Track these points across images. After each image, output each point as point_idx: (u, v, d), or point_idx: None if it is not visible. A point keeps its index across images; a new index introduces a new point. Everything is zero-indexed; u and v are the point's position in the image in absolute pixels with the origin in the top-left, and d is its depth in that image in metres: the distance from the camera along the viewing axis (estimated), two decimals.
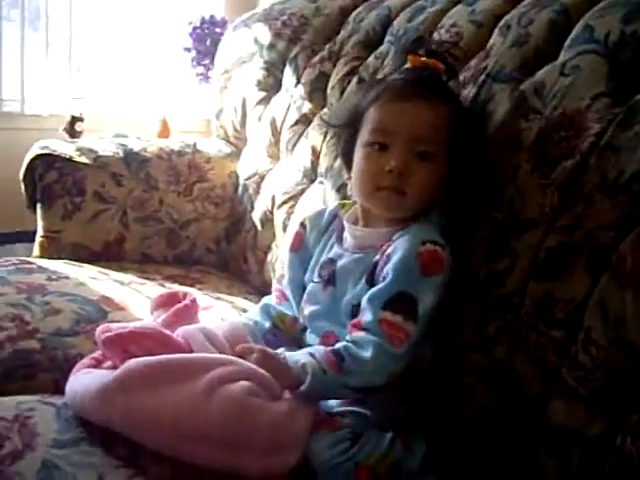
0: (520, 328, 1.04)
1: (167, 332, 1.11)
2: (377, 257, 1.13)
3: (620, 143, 0.97)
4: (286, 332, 1.28)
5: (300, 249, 1.30)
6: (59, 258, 1.80)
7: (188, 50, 2.80)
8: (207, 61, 2.56)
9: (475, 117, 1.20)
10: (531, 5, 1.28)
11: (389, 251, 1.11)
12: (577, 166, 1.01)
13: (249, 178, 1.88)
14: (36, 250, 1.87)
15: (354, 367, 1.04)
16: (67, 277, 1.63)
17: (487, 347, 1.08)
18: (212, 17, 2.70)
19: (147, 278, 1.71)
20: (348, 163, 1.25)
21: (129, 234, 1.88)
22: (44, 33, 3.49)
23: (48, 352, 1.32)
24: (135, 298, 1.55)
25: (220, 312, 1.48)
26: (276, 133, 1.81)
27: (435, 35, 1.43)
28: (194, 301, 1.23)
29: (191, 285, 1.71)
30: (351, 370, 1.04)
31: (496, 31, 1.30)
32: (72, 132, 3.21)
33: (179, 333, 1.12)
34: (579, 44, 1.12)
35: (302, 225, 1.31)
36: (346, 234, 1.22)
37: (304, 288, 1.26)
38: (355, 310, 1.12)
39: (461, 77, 1.30)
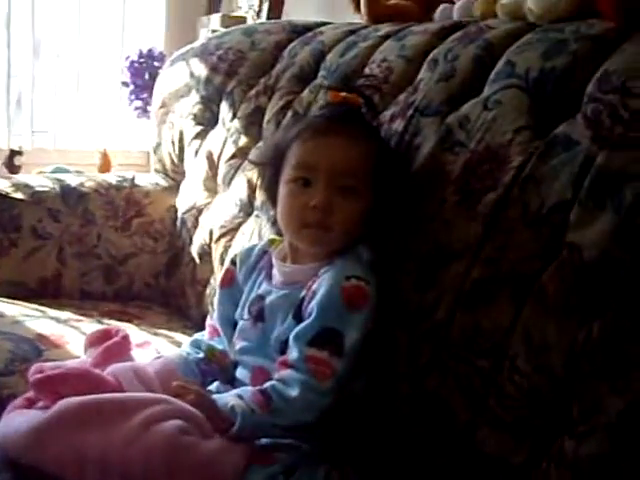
0: (449, 359, 1.05)
1: (98, 372, 1.10)
2: (303, 293, 1.14)
3: (541, 175, 1.00)
4: (218, 365, 1.28)
5: (231, 285, 1.30)
6: None
7: (126, 85, 2.80)
8: (145, 95, 2.56)
9: (396, 151, 1.23)
10: (458, 40, 1.31)
11: (314, 287, 1.12)
12: (500, 198, 1.03)
13: (187, 212, 1.88)
14: None
15: (282, 406, 1.05)
16: (2, 315, 1.60)
17: (419, 378, 1.10)
18: (150, 51, 2.71)
19: (84, 315, 1.69)
20: (273, 200, 1.26)
21: (66, 270, 1.86)
22: None
23: None
24: (72, 335, 1.53)
25: (157, 348, 1.47)
26: (213, 167, 1.81)
27: (366, 70, 1.46)
28: (126, 337, 1.22)
29: (129, 321, 1.70)
30: (280, 409, 1.05)
31: (424, 66, 1.33)
32: (11, 166, 3.19)
33: (110, 372, 1.11)
34: (502, 79, 1.15)
35: (232, 262, 1.32)
36: (275, 271, 1.23)
37: (234, 324, 1.26)
38: (284, 346, 1.13)
39: (390, 111, 1.32)
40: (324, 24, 1.86)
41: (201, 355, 1.28)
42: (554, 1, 1.22)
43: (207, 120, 1.90)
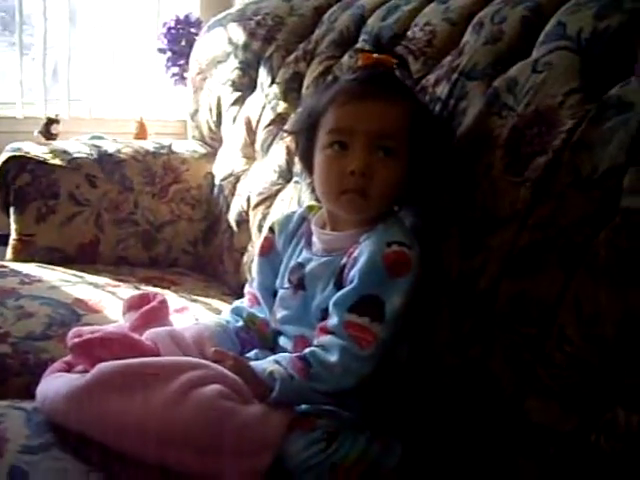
0: (494, 327, 1.03)
1: (136, 336, 1.10)
2: (344, 260, 1.12)
3: (593, 139, 0.96)
4: (257, 334, 1.27)
5: (269, 253, 1.28)
6: (32, 261, 1.78)
7: (163, 51, 2.77)
8: (182, 62, 2.54)
9: (431, 112, 1.20)
10: (504, 2, 1.27)
11: (355, 254, 1.10)
12: (550, 163, 1.00)
13: (224, 179, 1.87)
14: (9, 253, 1.85)
15: (321, 371, 1.04)
16: (40, 280, 1.61)
17: (462, 347, 1.08)
18: (187, 17, 2.68)
19: (122, 280, 1.70)
20: (309, 168, 1.23)
21: (104, 236, 1.87)
22: (18, 35, 3.46)
23: (19, 356, 1.31)
24: (109, 300, 1.53)
25: (195, 314, 1.47)
26: (251, 133, 1.79)
27: (409, 33, 1.43)
28: (163, 302, 1.21)
29: (167, 287, 1.70)
30: (318, 375, 1.04)
31: (469, 29, 1.30)
32: (48, 134, 3.18)
33: (147, 336, 1.11)
34: (551, 41, 1.11)
35: (271, 229, 1.30)
36: (314, 238, 1.21)
37: (274, 293, 1.25)
38: (325, 314, 1.11)
39: (434, 75, 1.30)
40: None
41: (241, 323, 1.27)
42: None
43: (245, 86, 1.88)
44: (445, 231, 1.14)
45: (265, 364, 1.07)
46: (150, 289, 1.63)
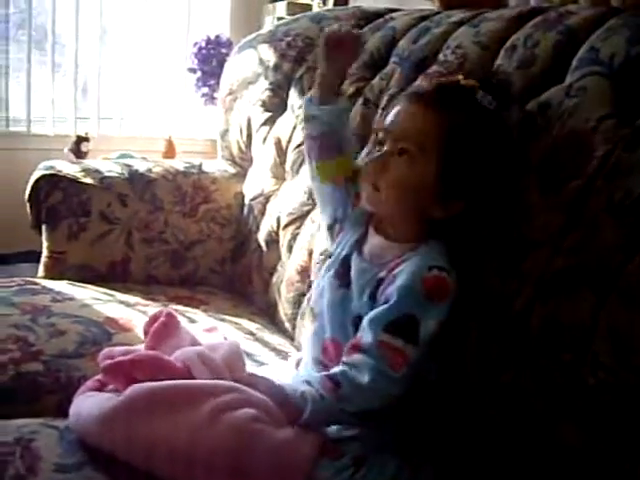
0: (527, 351, 1.03)
1: (166, 358, 1.10)
2: (383, 274, 1.12)
3: (626, 165, 0.97)
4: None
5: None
6: (64, 279, 1.80)
7: (193, 71, 2.81)
8: (212, 82, 2.57)
9: (488, 135, 1.14)
10: (537, 26, 1.28)
11: (396, 271, 1.10)
12: (583, 187, 1.00)
13: (254, 199, 1.88)
14: (41, 271, 1.87)
15: (352, 392, 1.04)
16: (72, 298, 1.63)
17: (494, 369, 1.07)
18: (218, 37, 2.71)
19: (152, 299, 1.71)
20: None
21: (134, 255, 1.88)
22: (50, 54, 3.52)
23: (52, 374, 1.32)
24: (140, 319, 1.54)
25: (224, 333, 1.47)
26: (281, 154, 1.80)
27: (440, 56, 1.43)
28: (169, 315, 1.22)
29: (196, 306, 1.71)
30: (349, 395, 1.04)
31: (502, 52, 1.30)
32: (78, 152, 3.24)
33: (177, 357, 1.11)
34: (585, 66, 1.12)
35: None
36: (369, 238, 1.21)
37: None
38: (357, 321, 1.11)
39: None
40: (394, 10, 1.83)
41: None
42: None
43: (276, 106, 1.89)
44: (480, 254, 1.14)
45: (296, 384, 1.07)
46: (180, 308, 1.65)
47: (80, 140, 3.25)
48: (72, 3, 3.54)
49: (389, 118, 1.16)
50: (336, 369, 1.07)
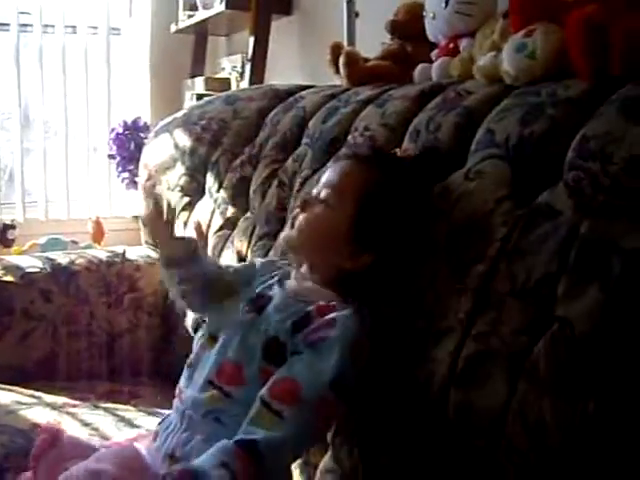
0: (443, 437, 1.03)
1: None
2: (311, 309, 1.11)
3: (525, 247, 0.99)
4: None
5: (245, 270, 1.34)
6: None
7: (113, 157, 2.80)
8: (132, 166, 2.57)
9: (406, 201, 1.18)
10: (438, 108, 1.31)
11: (328, 317, 1.09)
12: (487, 271, 1.02)
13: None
14: None
15: (274, 455, 1.01)
16: None
17: (411, 457, 1.08)
18: (135, 122, 2.72)
19: (81, 398, 1.67)
20: None
21: (61, 350, 1.85)
22: None
23: None
24: (67, 423, 1.50)
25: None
26: (202, 238, 1.78)
27: (349, 138, 1.46)
28: (47, 430, 1.19)
29: (126, 402, 1.67)
30: (271, 462, 1.00)
31: (407, 135, 1.33)
32: (4, 240, 3.19)
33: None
34: (482, 149, 1.15)
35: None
36: (287, 282, 1.23)
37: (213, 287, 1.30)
38: (270, 342, 1.10)
39: None
40: (305, 87, 1.86)
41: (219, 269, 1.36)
42: (529, 63, 1.22)
43: (194, 191, 1.90)
44: (396, 339, 1.14)
45: (211, 470, 0.98)
46: (109, 406, 1.62)
47: (6, 228, 3.21)
48: None
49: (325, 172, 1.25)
50: (253, 436, 1.01)
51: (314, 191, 1.23)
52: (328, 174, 1.23)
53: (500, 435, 0.95)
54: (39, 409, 1.58)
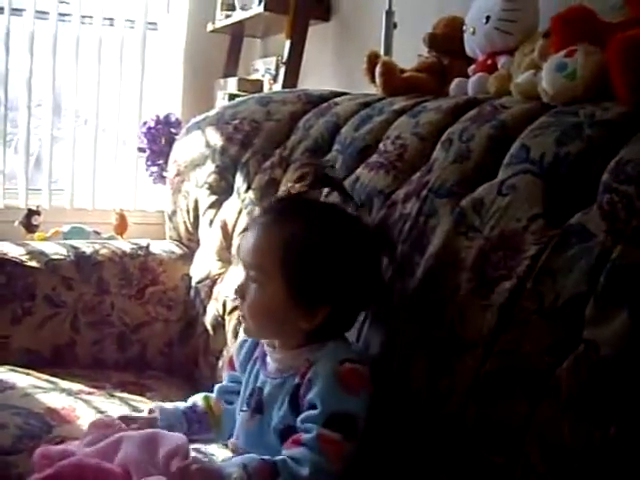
0: (461, 452, 1.03)
1: (95, 462, 1.08)
2: (297, 380, 1.13)
3: (555, 266, 0.99)
4: (210, 415, 1.29)
5: (234, 370, 1.33)
6: (7, 364, 1.77)
7: (143, 150, 2.82)
8: (161, 161, 2.58)
9: (328, 236, 1.17)
10: (472, 120, 1.31)
11: (309, 375, 1.11)
12: (514, 288, 1.02)
13: (201, 282, 1.88)
14: None
15: None
16: (12, 387, 1.59)
17: (429, 470, 1.07)
18: (167, 117, 2.73)
19: (97, 386, 1.68)
20: None
21: (80, 338, 1.85)
22: (2, 125, 3.51)
23: None
24: (82, 410, 1.51)
25: None
26: (227, 237, 1.81)
27: (381, 146, 1.46)
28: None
29: (141, 393, 1.68)
30: None
31: (439, 145, 1.33)
32: (28, 225, 3.21)
33: (119, 462, 1.09)
34: (516, 163, 1.15)
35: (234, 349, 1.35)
36: (268, 359, 1.23)
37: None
38: (282, 435, 1.12)
39: (403, 190, 1.32)
40: (340, 94, 1.87)
41: (189, 404, 1.30)
42: (569, 83, 1.22)
43: (222, 190, 1.90)
44: (414, 351, 1.14)
45: (232, 468, 1.05)
46: (125, 396, 1.63)
47: (31, 213, 3.23)
48: (25, 75, 3.56)
49: (238, 247, 1.25)
50: (277, 457, 1.06)
51: (242, 260, 1.21)
52: (245, 248, 1.20)
53: (518, 453, 0.94)
54: (55, 394, 1.59)
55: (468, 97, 1.50)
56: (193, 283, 1.91)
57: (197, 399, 1.31)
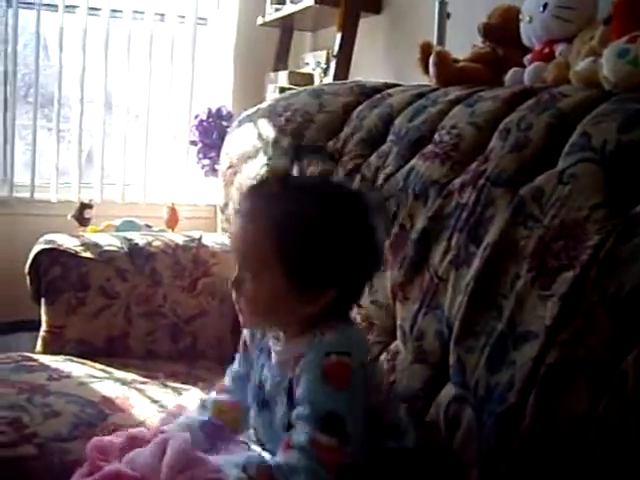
0: (520, 444, 1.01)
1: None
2: (290, 375, 1.08)
3: (619, 256, 0.97)
4: (227, 419, 1.23)
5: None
6: (62, 353, 1.79)
7: (194, 143, 2.83)
8: (213, 154, 2.59)
9: (317, 215, 1.07)
10: (530, 108, 1.29)
11: (297, 370, 1.06)
12: (577, 279, 1.00)
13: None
14: (39, 345, 1.86)
15: None
16: (68, 376, 1.61)
17: (489, 462, 1.06)
18: (219, 110, 2.74)
19: (150, 376, 1.69)
20: None
21: (133, 329, 1.87)
22: (55, 120, 3.56)
23: (45, 458, 1.30)
24: (136, 399, 1.53)
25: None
26: None
27: (436, 136, 1.45)
28: None
29: (194, 383, 1.69)
30: None
31: (496, 134, 1.31)
32: (81, 219, 3.25)
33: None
34: (577, 151, 1.13)
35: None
36: (272, 351, 1.17)
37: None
38: (290, 428, 1.05)
39: (460, 180, 1.30)
40: (393, 86, 1.85)
41: (206, 417, 1.23)
42: (631, 69, 1.19)
43: None
44: (473, 342, 1.13)
45: (234, 470, 1.01)
46: (177, 385, 1.63)
47: (83, 207, 3.26)
48: (77, 71, 3.60)
49: (230, 237, 1.14)
50: (274, 461, 1.02)
51: (234, 255, 1.13)
52: (234, 243, 1.13)
53: (580, 445, 0.92)
54: (109, 383, 1.61)
55: (525, 86, 1.48)
56: None
57: (208, 411, 1.24)
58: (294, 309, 1.08)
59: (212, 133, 2.70)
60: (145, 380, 1.66)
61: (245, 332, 1.27)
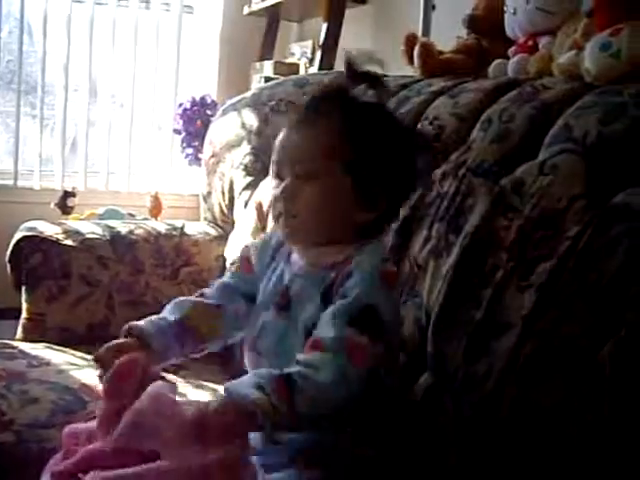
0: (498, 432, 1.02)
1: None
2: (332, 274, 1.08)
3: (598, 247, 0.97)
4: (200, 324, 1.21)
5: (250, 272, 1.23)
6: (43, 341, 1.78)
7: (178, 132, 2.82)
8: (197, 143, 2.58)
9: (381, 126, 1.13)
10: (512, 100, 1.29)
11: (347, 269, 1.06)
12: (555, 269, 1.00)
13: (235, 263, 1.87)
14: (20, 332, 1.85)
15: (308, 396, 0.96)
16: (48, 364, 1.61)
17: (463, 450, 1.06)
18: (203, 99, 2.73)
19: None
20: None
21: (114, 318, 1.87)
22: (39, 108, 3.54)
23: (22, 445, 1.29)
24: None
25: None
26: (262, 219, 1.81)
27: (419, 126, 1.45)
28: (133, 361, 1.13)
29: (174, 372, 1.68)
30: (305, 400, 0.96)
31: (478, 125, 1.31)
32: (64, 207, 3.23)
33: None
34: (558, 142, 1.13)
35: (247, 249, 1.26)
36: (294, 257, 1.17)
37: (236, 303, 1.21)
38: (310, 332, 1.04)
39: (441, 169, 1.31)
40: None
41: (174, 318, 1.20)
42: (613, 62, 1.19)
43: (257, 171, 1.90)
44: (450, 331, 1.13)
45: (246, 389, 0.95)
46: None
47: (67, 195, 3.24)
48: (62, 58, 3.58)
49: (278, 149, 1.14)
50: (292, 370, 0.97)
51: (285, 171, 1.11)
52: (288, 152, 1.12)
53: (557, 434, 0.93)
54: (89, 371, 1.59)
55: (508, 78, 1.48)
56: (227, 264, 1.91)
57: (184, 311, 1.21)
58: (348, 215, 1.10)
59: (196, 122, 2.69)
60: None
61: (250, 250, 1.25)
